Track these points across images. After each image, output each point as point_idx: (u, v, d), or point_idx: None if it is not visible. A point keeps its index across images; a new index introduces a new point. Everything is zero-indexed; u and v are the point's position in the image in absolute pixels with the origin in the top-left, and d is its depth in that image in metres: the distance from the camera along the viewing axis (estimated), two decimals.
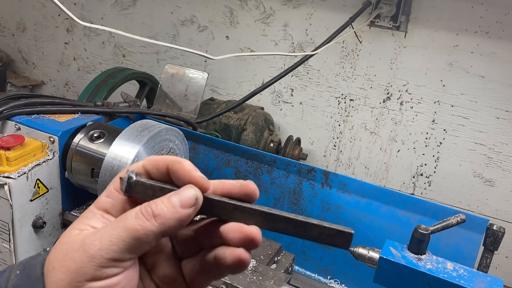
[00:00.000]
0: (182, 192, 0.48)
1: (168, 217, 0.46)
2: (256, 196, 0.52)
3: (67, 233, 0.49)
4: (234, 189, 0.52)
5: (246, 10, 2.39)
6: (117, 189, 0.51)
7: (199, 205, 0.48)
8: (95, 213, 0.50)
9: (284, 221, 0.50)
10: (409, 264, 0.98)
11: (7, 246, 1.32)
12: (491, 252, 1.17)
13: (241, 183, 0.52)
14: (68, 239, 0.48)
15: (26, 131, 1.39)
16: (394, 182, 2.32)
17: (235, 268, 0.50)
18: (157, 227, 0.46)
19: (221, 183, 0.52)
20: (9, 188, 1.24)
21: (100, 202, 0.51)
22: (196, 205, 0.48)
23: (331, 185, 1.48)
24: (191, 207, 0.48)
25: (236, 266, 0.49)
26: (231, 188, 0.52)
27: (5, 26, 3.13)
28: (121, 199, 0.51)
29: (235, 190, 0.52)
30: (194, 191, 0.48)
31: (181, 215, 0.47)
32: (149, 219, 0.46)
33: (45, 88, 3.16)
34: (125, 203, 0.51)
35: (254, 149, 1.59)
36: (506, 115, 2.01)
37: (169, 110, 1.94)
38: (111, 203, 0.51)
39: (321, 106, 2.37)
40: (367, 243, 1.08)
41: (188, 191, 0.48)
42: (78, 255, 0.46)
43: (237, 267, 0.49)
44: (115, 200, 0.51)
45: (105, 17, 2.77)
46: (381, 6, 2.00)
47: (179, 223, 0.47)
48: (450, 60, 2.04)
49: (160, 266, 0.54)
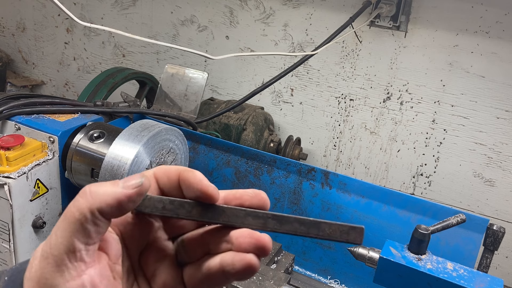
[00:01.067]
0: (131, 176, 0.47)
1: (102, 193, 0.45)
2: (267, 206, 0.51)
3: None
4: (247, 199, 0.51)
5: (246, 10, 2.39)
6: None
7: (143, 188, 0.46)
8: None
9: (297, 223, 0.50)
10: (409, 264, 0.98)
11: (7, 246, 1.32)
12: (491, 252, 1.17)
13: (254, 192, 0.51)
14: None
15: (26, 131, 1.39)
16: (394, 182, 2.32)
17: (243, 274, 0.48)
18: (91, 202, 0.44)
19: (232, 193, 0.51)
20: (9, 188, 1.24)
21: None
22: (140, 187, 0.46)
23: (331, 185, 1.47)
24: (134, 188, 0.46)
25: (245, 272, 0.47)
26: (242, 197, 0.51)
27: (5, 26, 3.13)
28: None
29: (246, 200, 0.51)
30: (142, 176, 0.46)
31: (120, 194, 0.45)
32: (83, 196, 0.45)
33: (45, 88, 3.16)
34: None
35: (254, 149, 1.59)
36: (506, 115, 2.01)
37: (169, 110, 1.94)
38: None
39: (321, 106, 2.37)
40: (367, 243, 1.08)
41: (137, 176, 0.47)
42: (36, 263, 0.45)
43: (245, 273, 0.48)
44: None
45: (105, 17, 2.76)
46: (381, 6, 2.00)
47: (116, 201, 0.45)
48: (450, 60, 2.04)
49: (160, 274, 0.52)
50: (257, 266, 0.48)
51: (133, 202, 0.46)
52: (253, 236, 0.48)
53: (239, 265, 0.47)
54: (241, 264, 0.47)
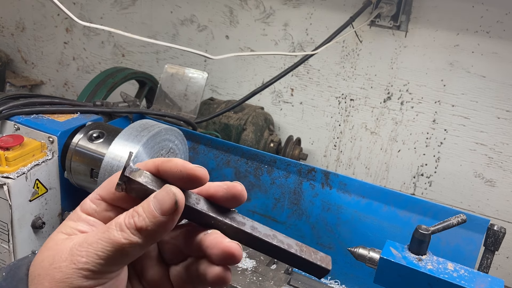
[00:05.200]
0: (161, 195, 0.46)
1: (151, 229, 0.45)
2: (243, 198, 0.50)
3: (53, 237, 0.49)
4: (220, 191, 0.50)
5: (246, 9, 2.38)
6: (102, 196, 0.50)
7: (181, 208, 0.46)
8: (80, 216, 0.50)
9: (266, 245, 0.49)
10: (410, 264, 0.98)
11: (6, 247, 1.32)
12: (492, 253, 1.17)
13: (227, 184, 0.50)
14: (54, 245, 0.48)
15: (25, 131, 1.38)
16: (395, 182, 2.31)
17: (216, 285, 0.48)
18: (143, 240, 0.45)
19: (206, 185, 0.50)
20: (8, 188, 1.24)
21: (85, 205, 0.50)
22: (177, 209, 0.46)
23: (331, 185, 1.47)
24: (173, 213, 0.46)
25: (216, 283, 0.48)
26: (216, 191, 0.50)
27: (4, 25, 3.12)
28: (104, 207, 0.50)
29: (220, 192, 0.50)
30: (173, 194, 0.46)
31: (163, 222, 0.45)
32: (134, 232, 0.45)
33: (44, 88, 3.16)
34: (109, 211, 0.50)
35: (254, 149, 1.59)
36: (507, 115, 2.00)
37: (168, 110, 1.94)
38: (94, 210, 0.50)
39: (321, 106, 2.37)
40: (368, 244, 1.07)
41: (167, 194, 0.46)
42: (65, 265, 0.45)
43: (217, 284, 0.48)
44: (99, 207, 0.50)
45: (104, 16, 2.76)
46: (382, 6, 2.00)
47: (163, 230, 0.46)
48: (450, 60, 2.04)
49: (148, 270, 0.53)
50: (226, 278, 0.48)
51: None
52: (220, 247, 0.47)
53: (210, 277, 0.48)
54: (211, 276, 0.48)
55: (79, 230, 0.48)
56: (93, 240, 0.46)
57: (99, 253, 0.45)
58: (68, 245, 0.46)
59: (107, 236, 0.45)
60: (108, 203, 0.50)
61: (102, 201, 0.50)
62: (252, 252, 1.30)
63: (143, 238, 0.45)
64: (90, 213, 0.50)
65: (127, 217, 0.46)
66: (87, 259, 0.45)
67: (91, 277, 0.45)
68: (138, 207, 0.46)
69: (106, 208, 0.50)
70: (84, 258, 0.45)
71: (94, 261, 0.45)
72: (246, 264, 1.26)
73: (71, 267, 0.45)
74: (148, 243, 0.46)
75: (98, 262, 0.45)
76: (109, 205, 0.50)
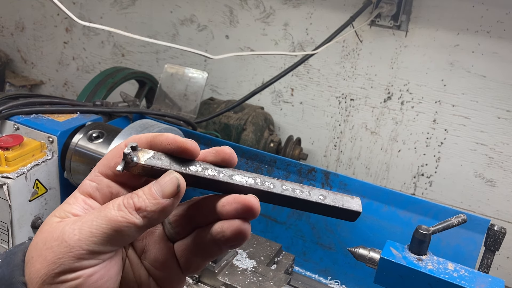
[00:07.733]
0: (163, 180, 0.46)
1: (150, 210, 0.45)
2: (233, 160, 0.50)
3: (47, 221, 0.48)
4: (209, 156, 0.50)
5: (246, 9, 2.38)
6: (102, 173, 0.49)
7: (182, 192, 0.46)
8: (77, 199, 0.49)
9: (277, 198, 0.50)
10: (410, 264, 0.97)
11: (5, 247, 1.32)
12: (492, 253, 1.16)
13: (216, 149, 0.50)
14: (48, 227, 0.46)
15: (25, 131, 1.38)
16: (395, 182, 2.31)
17: (235, 241, 0.47)
18: (140, 220, 0.44)
19: None
20: (8, 189, 1.24)
21: (84, 186, 0.49)
22: (179, 192, 0.46)
23: (331, 185, 1.47)
24: (174, 196, 0.46)
25: (236, 238, 0.47)
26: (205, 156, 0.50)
27: (4, 25, 3.12)
28: (106, 183, 0.49)
29: (210, 157, 0.50)
30: (175, 178, 0.46)
31: (164, 206, 0.45)
32: (132, 212, 0.44)
33: (44, 88, 3.16)
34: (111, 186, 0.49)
35: (254, 149, 1.58)
36: (507, 115, 2.00)
37: (168, 109, 1.93)
38: (95, 187, 0.49)
39: (322, 106, 2.37)
40: (368, 244, 1.07)
41: (169, 179, 0.46)
42: (56, 244, 0.44)
43: (237, 239, 0.47)
44: (100, 184, 0.49)
45: (104, 16, 2.76)
46: (382, 6, 2.00)
47: (163, 214, 0.45)
48: (451, 60, 2.03)
49: (151, 249, 0.52)
50: (247, 230, 0.47)
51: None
52: (238, 201, 0.47)
53: (229, 232, 0.46)
54: (230, 231, 0.46)
55: (72, 214, 0.47)
56: (88, 218, 0.45)
57: (93, 231, 0.44)
58: (60, 226, 0.45)
59: (104, 214, 0.44)
60: (109, 179, 0.49)
61: (103, 177, 0.49)
62: (252, 252, 1.30)
63: (141, 218, 0.44)
64: (91, 192, 0.49)
65: (125, 198, 0.46)
66: (80, 236, 0.43)
67: (83, 257, 0.43)
68: (139, 190, 0.46)
69: (108, 184, 0.49)
70: (77, 236, 0.43)
71: (88, 239, 0.43)
72: (246, 264, 1.25)
73: (63, 246, 0.43)
74: (145, 225, 0.45)
75: (92, 240, 0.43)
76: (111, 181, 0.49)
